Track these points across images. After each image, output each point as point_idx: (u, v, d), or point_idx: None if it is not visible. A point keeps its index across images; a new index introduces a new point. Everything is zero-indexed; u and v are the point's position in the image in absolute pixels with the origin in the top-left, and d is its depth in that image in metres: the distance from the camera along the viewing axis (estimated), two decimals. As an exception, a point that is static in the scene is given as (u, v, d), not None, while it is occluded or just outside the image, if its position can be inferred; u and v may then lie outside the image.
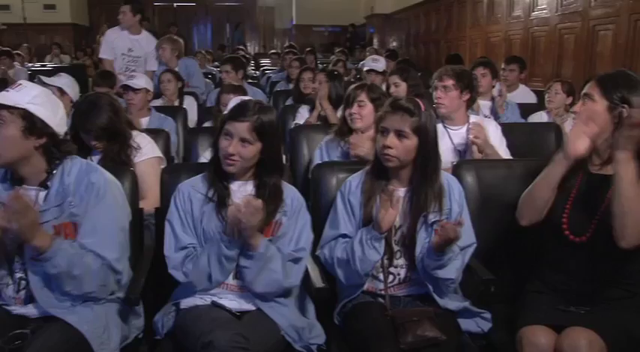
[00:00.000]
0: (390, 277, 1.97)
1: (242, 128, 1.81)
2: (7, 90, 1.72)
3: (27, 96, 1.71)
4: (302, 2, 15.31)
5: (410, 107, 1.90)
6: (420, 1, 10.52)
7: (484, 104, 3.81)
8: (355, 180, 2.03)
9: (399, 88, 3.52)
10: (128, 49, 4.84)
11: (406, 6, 11.32)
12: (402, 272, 1.98)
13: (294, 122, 3.72)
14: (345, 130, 2.75)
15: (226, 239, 1.78)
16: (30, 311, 1.78)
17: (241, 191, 1.91)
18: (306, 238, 1.93)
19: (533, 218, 1.97)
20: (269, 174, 1.90)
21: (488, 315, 1.98)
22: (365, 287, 1.98)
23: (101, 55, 5.01)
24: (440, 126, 2.49)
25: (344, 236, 1.98)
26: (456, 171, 2.26)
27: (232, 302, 1.86)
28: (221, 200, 1.88)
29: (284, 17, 16.18)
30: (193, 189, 1.91)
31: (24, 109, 1.69)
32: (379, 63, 4.76)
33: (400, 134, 1.89)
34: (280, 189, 1.91)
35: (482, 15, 7.98)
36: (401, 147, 1.90)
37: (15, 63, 7.90)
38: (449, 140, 2.75)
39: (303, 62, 5.77)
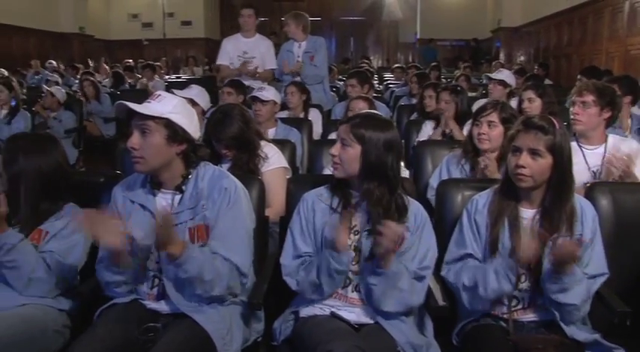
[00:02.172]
0: (514, 301, 1.89)
1: (343, 130, 1.87)
2: (149, 102, 1.84)
3: (168, 106, 1.83)
4: (426, 16, 15.21)
5: (544, 125, 1.82)
6: (551, 13, 10.08)
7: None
8: (482, 199, 1.98)
9: (534, 104, 3.38)
10: (243, 52, 5.04)
11: (536, 18, 10.92)
12: (527, 296, 1.89)
13: (418, 138, 3.67)
14: (469, 149, 2.67)
15: (335, 253, 1.78)
16: (162, 307, 1.89)
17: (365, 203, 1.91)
18: (431, 256, 1.90)
19: None
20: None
21: (621, 351, 1.82)
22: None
23: (218, 62, 5.27)
24: (573, 145, 2.36)
25: (469, 255, 1.93)
26: (590, 193, 2.14)
27: (351, 314, 1.87)
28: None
29: (408, 31, 16.14)
30: (318, 199, 1.94)
31: (167, 119, 1.81)
32: (502, 74, 4.67)
33: (534, 153, 1.81)
34: (403, 204, 1.90)
35: (621, 26, 7.49)
36: (535, 167, 1.82)
37: (155, 75, 8.57)
38: (582, 159, 2.59)
39: (425, 78, 5.70)
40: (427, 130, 3.66)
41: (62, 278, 2.01)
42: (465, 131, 3.15)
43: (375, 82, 8.36)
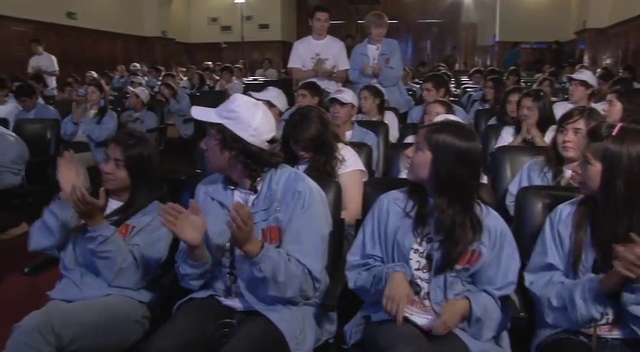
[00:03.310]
0: (599, 316, 1.78)
1: (420, 133, 1.87)
2: (219, 107, 1.89)
3: (224, 111, 1.86)
4: (506, 18, 14.79)
5: (596, 131, 1.75)
6: (643, 13, 9.56)
7: None
8: (567, 209, 1.89)
9: (613, 109, 3.21)
10: (316, 54, 5.07)
11: (626, 18, 10.35)
12: (612, 312, 1.78)
13: (497, 144, 3.54)
14: (552, 157, 2.57)
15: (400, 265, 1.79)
16: (236, 304, 1.93)
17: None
18: (513, 271, 1.84)
19: None
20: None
21: None
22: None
23: (290, 65, 5.32)
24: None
25: (550, 266, 1.86)
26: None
27: (423, 319, 1.84)
28: (420, 217, 1.86)
29: (487, 34, 15.75)
30: (394, 202, 1.92)
31: (219, 124, 1.84)
32: (584, 74, 4.52)
33: (585, 160, 1.76)
34: (478, 220, 1.81)
35: None
36: (584, 174, 1.77)
37: (232, 77, 8.79)
38: None
39: (501, 83, 5.55)
40: (506, 137, 3.51)
41: (146, 271, 2.10)
42: (548, 137, 3.04)
43: (452, 85, 8.21)
